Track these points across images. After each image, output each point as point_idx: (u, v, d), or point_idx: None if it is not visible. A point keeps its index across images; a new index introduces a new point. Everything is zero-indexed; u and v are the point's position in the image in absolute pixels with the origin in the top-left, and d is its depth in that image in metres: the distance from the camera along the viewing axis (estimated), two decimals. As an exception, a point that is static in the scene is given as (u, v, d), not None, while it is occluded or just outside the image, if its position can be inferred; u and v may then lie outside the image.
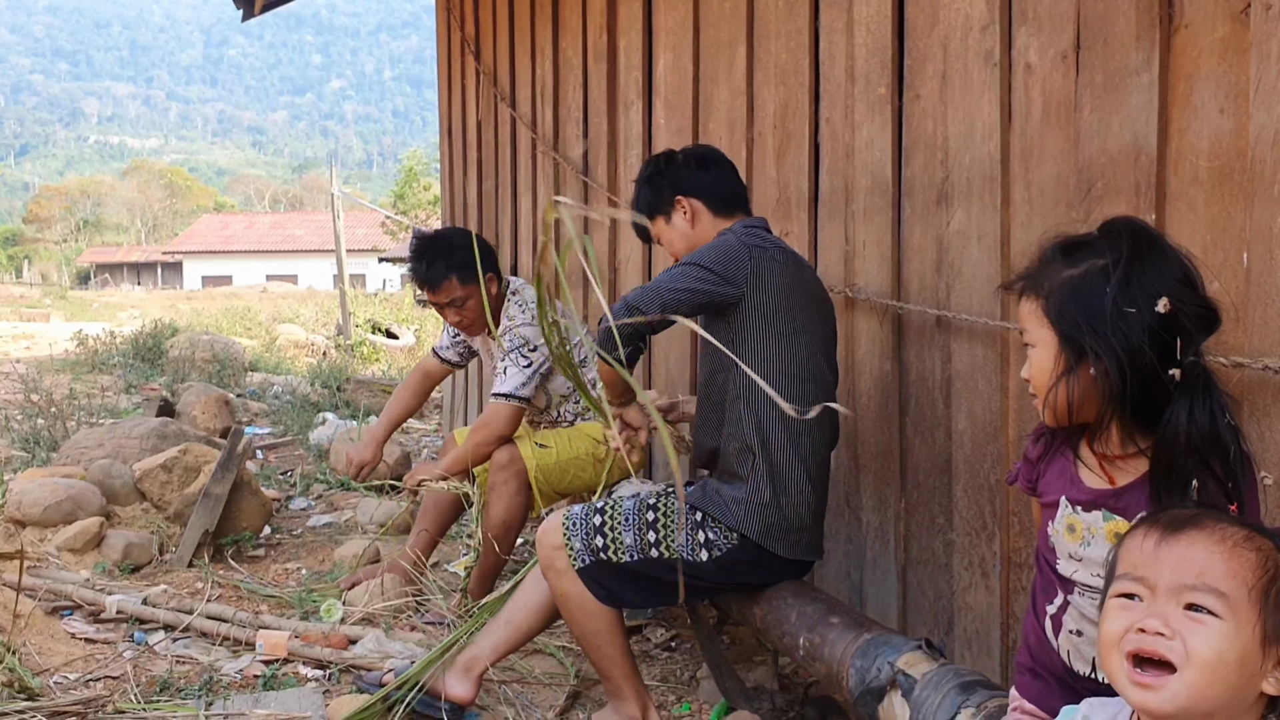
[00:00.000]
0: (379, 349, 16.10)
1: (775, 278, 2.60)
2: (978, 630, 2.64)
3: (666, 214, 2.86)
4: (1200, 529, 1.21)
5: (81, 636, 3.44)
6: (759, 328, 2.59)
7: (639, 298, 2.55)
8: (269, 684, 3.10)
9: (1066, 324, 1.48)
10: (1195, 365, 1.43)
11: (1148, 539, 1.23)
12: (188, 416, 6.88)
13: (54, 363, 11.82)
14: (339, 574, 4.14)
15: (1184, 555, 1.19)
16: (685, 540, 2.60)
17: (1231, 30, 1.92)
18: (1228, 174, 1.93)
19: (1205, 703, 1.15)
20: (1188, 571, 1.17)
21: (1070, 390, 1.49)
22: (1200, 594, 1.16)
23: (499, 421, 3.60)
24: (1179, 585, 1.17)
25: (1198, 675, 1.14)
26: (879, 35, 2.92)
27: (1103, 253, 1.48)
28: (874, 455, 3.05)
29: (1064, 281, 1.49)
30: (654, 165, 2.90)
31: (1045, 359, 1.52)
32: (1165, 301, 1.42)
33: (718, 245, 2.62)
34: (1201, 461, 1.42)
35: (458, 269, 3.71)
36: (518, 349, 3.65)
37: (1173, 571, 1.18)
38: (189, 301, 30.16)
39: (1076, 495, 1.56)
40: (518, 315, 3.72)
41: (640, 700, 2.71)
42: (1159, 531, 1.23)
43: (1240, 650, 1.14)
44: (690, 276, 2.56)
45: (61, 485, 4.40)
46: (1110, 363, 1.43)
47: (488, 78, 6.46)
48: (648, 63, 4.42)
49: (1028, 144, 2.41)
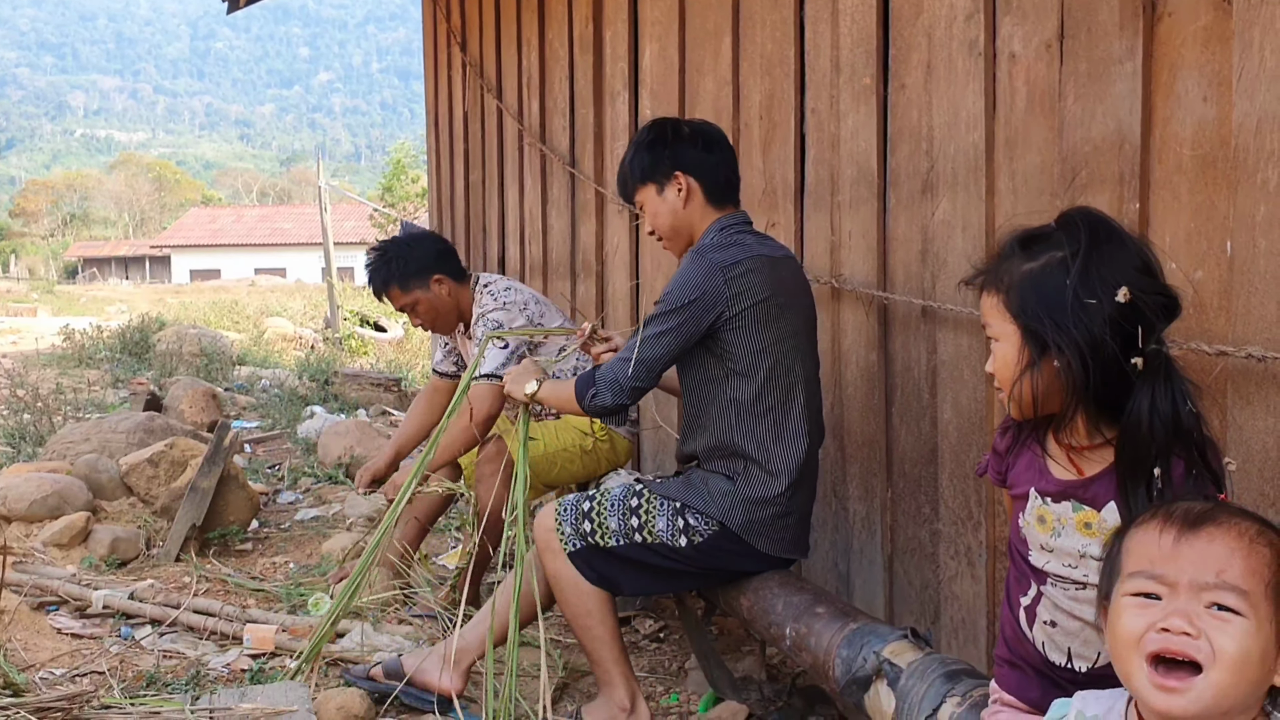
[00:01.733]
0: (367, 342, 16.07)
1: (754, 292, 2.58)
2: (964, 619, 2.64)
3: (660, 184, 2.78)
4: (1218, 525, 1.19)
5: (68, 632, 3.43)
6: (742, 339, 2.59)
7: (638, 376, 2.60)
8: (256, 678, 3.09)
9: (1028, 317, 1.48)
10: (1157, 353, 1.43)
11: (1165, 535, 1.20)
12: (175, 411, 6.86)
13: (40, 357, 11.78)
14: (327, 568, 4.13)
15: (1205, 552, 1.17)
16: (665, 526, 2.62)
17: (1214, 18, 1.92)
18: (1211, 162, 1.93)
19: (1227, 701, 1.14)
20: (1209, 569, 1.16)
21: (1034, 383, 1.49)
22: (1224, 593, 1.14)
23: (479, 403, 3.58)
24: (1201, 584, 1.15)
25: (1224, 675, 1.13)
26: (864, 25, 2.92)
27: (1060, 244, 1.48)
28: (860, 445, 3.05)
29: (1024, 275, 1.49)
30: (657, 131, 2.81)
31: (1008, 353, 1.52)
32: (1125, 291, 1.41)
33: (689, 279, 2.58)
34: (1165, 449, 1.42)
35: (397, 278, 3.80)
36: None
37: (1195, 569, 1.16)
38: (177, 295, 30.07)
39: (1045, 487, 1.56)
40: (489, 303, 3.72)
41: (629, 688, 2.72)
42: (1177, 527, 1.20)
43: (1262, 647, 1.14)
44: (673, 334, 2.58)
45: (48, 480, 4.38)
46: (1073, 355, 1.43)
47: (474, 69, 6.44)
48: (633, 53, 4.41)
49: (1012, 133, 2.41)
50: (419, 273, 3.79)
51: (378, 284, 3.85)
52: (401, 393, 8.68)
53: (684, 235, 2.78)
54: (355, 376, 9.06)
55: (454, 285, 3.85)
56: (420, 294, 3.80)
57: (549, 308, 3.85)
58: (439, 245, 3.94)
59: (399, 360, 13.97)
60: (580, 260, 5.06)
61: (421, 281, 3.79)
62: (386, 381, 8.83)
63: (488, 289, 3.79)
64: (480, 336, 3.67)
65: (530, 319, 3.72)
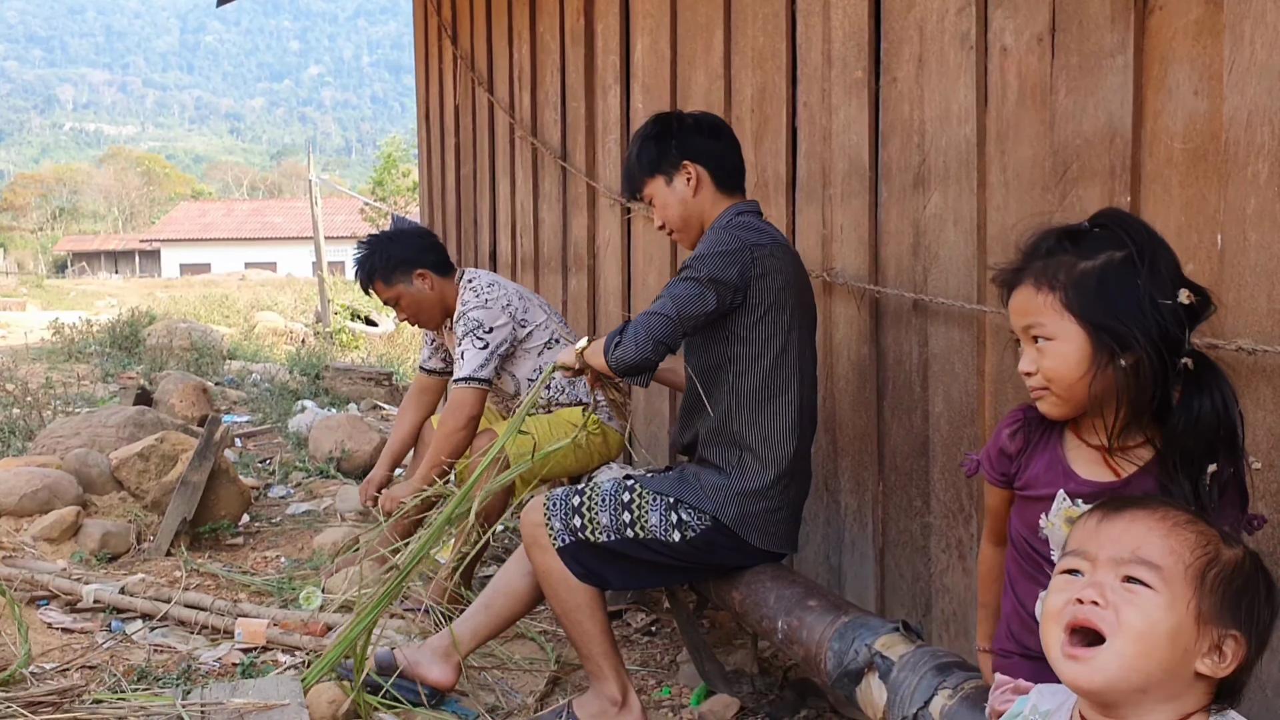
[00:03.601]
0: (358, 336, 16.06)
1: (775, 277, 2.58)
2: (955, 612, 2.65)
3: (669, 175, 2.77)
4: (1143, 509, 1.22)
5: (58, 626, 3.42)
6: (754, 324, 2.58)
7: (665, 331, 2.53)
8: (247, 672, 3.09)
9: (1099, 315, 1.45)
10: (1202, 354, 1.44)
11: (1091, 517, 1.25)
12: (165, 405, 6.83)
13: (30, 352, 11.74)
14: (318, 562, 4.13)
15: (1125, 530, 1.20)
16: (659, 521, 2.61)
17: (1205, 12, 1.92)
18: (1202, 155, 1.94)
19: (1136, 675, 1.15)
20: (1126, 546, 1.19)
21: (1096, 383, 1.47)
22: (1135, 566, 1.17)
23: (461, 408, 3.57)
24: (1117, 559, 1.18)
25: (1127, 644, 1.15)
26: (855, 18, 2.92)
27: (1113, 244, 1.46)
28: (852, 439, 3.06)
29: (1084, 273, 1.47)
30: (663, 123, 2.81)
31: (1069, 352, 1.48)
32: (1187, 292, 1.42)
33: (719, 250, 2.56)
34: (1212, 449, 1.42)
35: (380, 272, 3.82)
36: (472, 332, 3.64)
37: (1112, 545, 1.20)
38: (167, 289, 29.97)
39: (1078, 488, 1.54)
40: (471, 299, 3.71)
41: (620, 681, 2.71)
42: (1103, 510, 1.25)
43: (1173, 624, 1.15)
44: (707, 299, 2.54)
45: (37, 474, 4.37)
46: (1151, 353, 1.42)
47: (465, 63, 6.43)
48: (625, 46, 4.41)
49: (1003, 126, 2.41)
50: (401, 266, 3.81)
51: (362, 278, 3.88)
52: (393, 387, 8.67)
53: (695, 225, 2.77)
54: (346, 371, 9.05)
55: (438, 280, 3.85)
56: (403, 288, 3.82)
57: (532, 302, 3.84)
58: (424, 240, 3.95)
59: (390, 355, 13.97)
60: (572, 254, 5.06)
61: (404, 275, 3.81)
62: (378, 376, 8.83)
63: (471, 284, 3.78)
64: (460, 334, 3.67)
65: (513, 315, 3.71)
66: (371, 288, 3.87)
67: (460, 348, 3.66)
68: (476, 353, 3.61)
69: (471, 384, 3.59)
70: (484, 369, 3.61)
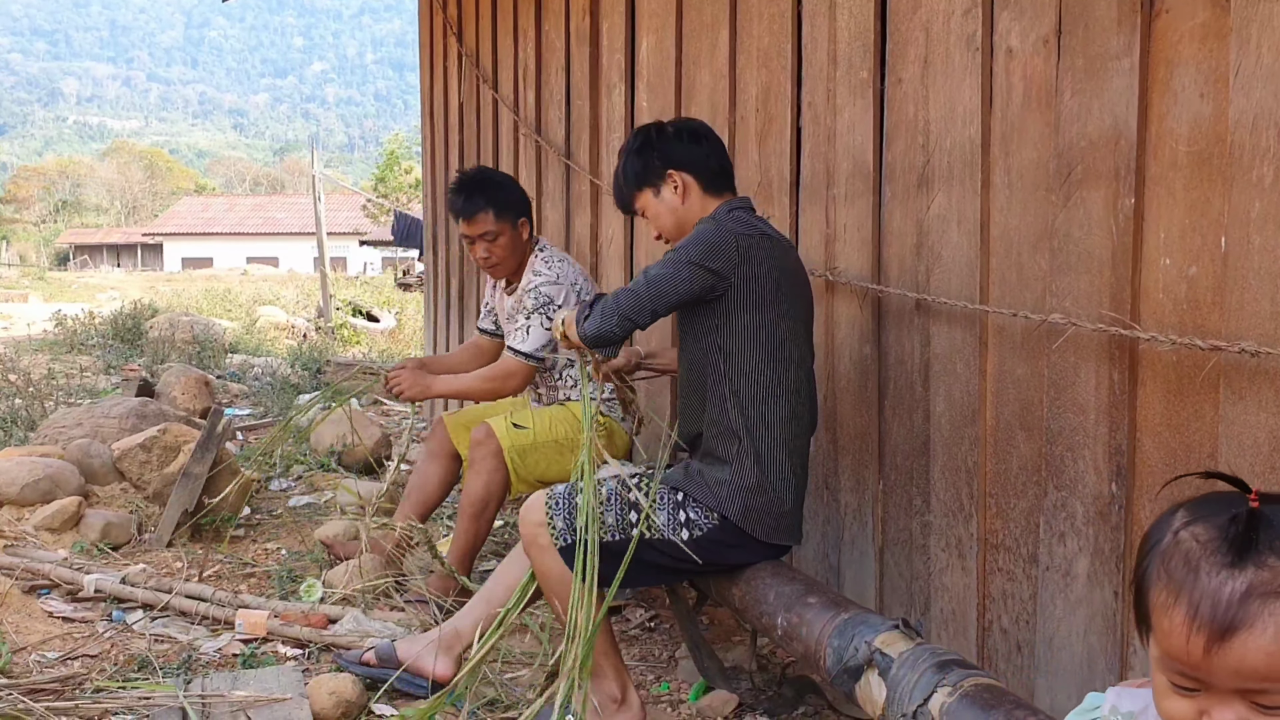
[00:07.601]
0: (360, 332, 16.08)
1: (761, 265, 2.60)
2: (954, 611, 2.66)
3: (655, 187, 2.82)
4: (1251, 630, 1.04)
5: (59, 615, 3.43)
6: (743, 313, 2.59)
7: (631, 306, 2.59)
8: (248, 663, 3.10)
9: None
10: None
11: (1195, 640, 1.06)
12: (167, 397, 6.84)
13: (32, 343, 11.76)
14: (319, 554, 4.14)
15: (1242, 662, 1.05)
16: (666, 520, 2.60)
17: (1212, 15, 1.93)
18: (1207, 159, 1.94)
19: None
20: (1250, 678, 1.05)
21: None
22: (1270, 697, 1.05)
23: (510, 377, 3.69)
24: (1243, 690, 1.06)
25: None
26: (861, 19, 2.93)
27: None
28: (853, 437, 3.07)
29: None
30: (644, 136, 2.85)
31: None
32: None
33: (704, 237, 2.60)
34: None
35: (495, 204, 3.81)
36: (542, 308, 3.68)
37: (1233, 678, 1.06)
38: (169, 283, 29.97)
39: None
40: (543, 271, 3.76)
41: (620, 679, 2.72)
42: (1205, 634, 1.06)
43: None
44: (680, 279, 2.57)
45: (39, 464, 4.38)
46: None
47: (470, 60, 6.44)
48: (630, 45, 4.41)
49: (1008, 128, 2.42)
50: (516, 206, 3.84)
51: (476, 204, 3.80)
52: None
53: (689, 231, 2.79)
54: (347, 365, 9.05)
55: (527, 237, 3.91)
56: (508, 226, 3.83)
57: (591, 285, 3.91)
58: (526, 196, 3.99)
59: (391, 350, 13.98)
60: (575, 252, 5.06)
61: (515, 216, 3.84)
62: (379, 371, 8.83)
63: (542, 255, 3.84)
64: (530, 306, 3.71)
65: (579, 295, 3.75)
66: (478, 215, 3.79)
67: (528, 321, 3.68)
68: (543, 333, 3.65)
69: (530, 361, 3.66)
70: (543, 349, 3.67)
